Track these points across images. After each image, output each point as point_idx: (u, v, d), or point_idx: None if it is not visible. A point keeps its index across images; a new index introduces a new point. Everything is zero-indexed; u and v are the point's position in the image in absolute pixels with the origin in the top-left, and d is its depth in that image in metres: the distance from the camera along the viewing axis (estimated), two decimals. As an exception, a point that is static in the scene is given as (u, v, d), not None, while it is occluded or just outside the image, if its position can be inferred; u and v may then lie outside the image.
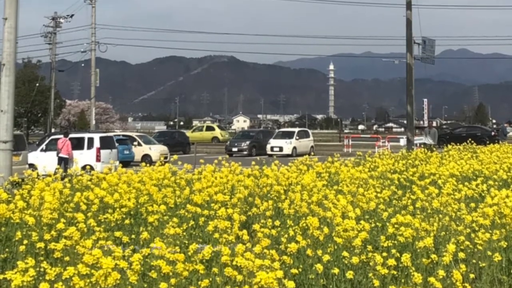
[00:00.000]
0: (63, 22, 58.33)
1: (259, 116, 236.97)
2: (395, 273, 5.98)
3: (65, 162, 23.48)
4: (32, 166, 22.59)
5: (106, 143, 27.90)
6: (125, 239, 6.73)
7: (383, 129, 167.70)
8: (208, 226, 6.84)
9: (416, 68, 34.51)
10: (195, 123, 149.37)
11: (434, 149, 24.64)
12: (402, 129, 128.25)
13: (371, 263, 6.06)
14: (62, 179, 11.92)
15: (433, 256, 6.20)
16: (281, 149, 42.00)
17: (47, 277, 5.09)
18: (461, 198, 9.41)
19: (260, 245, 5.83)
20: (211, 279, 5.57)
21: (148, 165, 13.68)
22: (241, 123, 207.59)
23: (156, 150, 36.65)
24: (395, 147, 38.88)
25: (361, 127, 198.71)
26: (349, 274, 5.81)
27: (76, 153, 24.53)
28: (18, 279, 4.72)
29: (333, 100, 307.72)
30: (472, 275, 6.22)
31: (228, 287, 5.47)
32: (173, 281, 5.23)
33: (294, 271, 5.88)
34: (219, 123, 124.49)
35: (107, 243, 6.10)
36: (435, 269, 6.03)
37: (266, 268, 5.20)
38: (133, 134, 41.32)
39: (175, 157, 14.49)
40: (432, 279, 5.43)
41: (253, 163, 14.10)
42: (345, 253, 6.20)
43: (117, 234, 6.89)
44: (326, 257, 6.11)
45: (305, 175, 11.84)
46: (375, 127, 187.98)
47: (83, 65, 57.51)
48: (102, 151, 27.01)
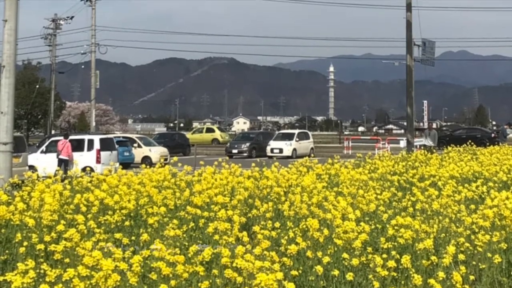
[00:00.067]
0: (63, 24, 58.32)
1: (259, 118, 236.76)
2: (395, 274, 5.99)
3: (65, 164, 23.48)
4: (32, 168, 22.56)
5: (106, 145, 27.90)
6: (125, 240, 6.73)
7: (383, 131, 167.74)
8: (208, 227, 6.84)
9: (416, 70, 34.57)
10: (195, 124, 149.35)
11: (434, 151, 24.65)
12: (402, 131, 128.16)
13: (371, 265, 6.06)
14: (62, 180, 11.94)
15: (433, 257, 6.20)
16: (281, 150, 42.00)
17: (47, 279, 5.10)
18: (461, 200, 9.42)
19: (260, 247, 5.83)
20: (211, 280, 5.57)
21: (148, 166, 13.68)
22: (241, 124, 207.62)
23: (156, 152, 36.66)
24: (395, 149, 38.90)
25: (361, 128, 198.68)
26: (349, 276, 5.82)
27: (76, 155, 24.53)
28: (18, 280, 4.72)
29: (333, 102, 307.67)
30: (472, 277, 6.21)
31: (228, 288, 5.48)
32: (173, 282, 5.23)
33: (294, 272, 5.88)
34: (219, 124, 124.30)
35: (107, 245, 6.10)
36: (435, 271, 6.03)
37: (266, 269, 5.20)
38: (133, 136, 41.35)
39: (175, 158, 14.50)
40: (432, 281, 5.43)
41: (253, 164, 14.11)
42: (345, 255, 6.20)
43: (117, 235, 6.89)
44: (326, 259, 6.11)
45: (305, 176, 11.85)
46: (375, 128, 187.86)
47: (83, 67, 57.56)
48: (102, 153, 27.01)
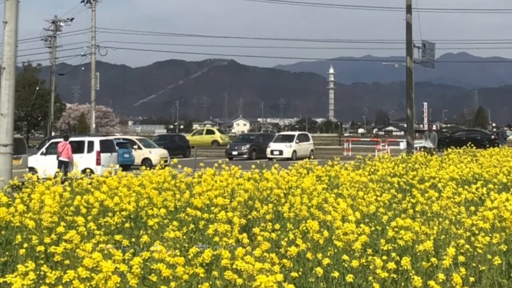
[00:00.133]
0: (63, 25, 58.29)
1: (259, 119, 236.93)
2: (395, 276, 5.99)
3: (65, 166, 23.49)
4: (32, 170, 22.60)
5: (106, 146, 27.90)
6: (125, 242, 6.74)
7: (383, 133, 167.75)
8: (208, 229, 6.84)
9: (416, 72, 34.56)
10: (195, 126, 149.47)
11: (434, 152, 24.67)
12: (402, 133, 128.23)
13: (371, 267, 6.06)
14: (62, 182, 11.94)
15: (433, 259, 6.20)
16: (281, 152, 41.99)
17: (47, 281, 5.09)
18: (461, 202, 9.42)
19: (260, 249, 5.84)
20: (211, 282, 5.57)
21: (148, 168, 13.69)
22: (241, 126, 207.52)
23: (156, 154, 36.64)
24: (395, 150, 38.88)
25: (361, 130, 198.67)
26: (349, 278, 5.82)
27: (76, 157, 24.55)
28: (18, 282, 4.73)
29: (333, 103, 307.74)
30: (472, 279, 6.21)
31: (228, 290, 5.47)
32: (173, 284, 5.23)
33: (294, 274, 5.88)
34: (219, 126, 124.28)
35: (107, 247, 6.10)
36: (435, 273, 6.04)
37: (266, 271, 5.20)
38: (133, 138, 41.33)
39: (175, 160, 14.51)
40: (432, 283, 5.43)
41: (253, 166, 14.11)
42: (345, 257, 6.20)
43: (117, 237, 6.89)
44: (326, 261, 6.11)
45: (305, 178, 11.85)
46: (375, 130, 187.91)
47: (83, 68, 57.52)
48: (102, 155, 27.01)
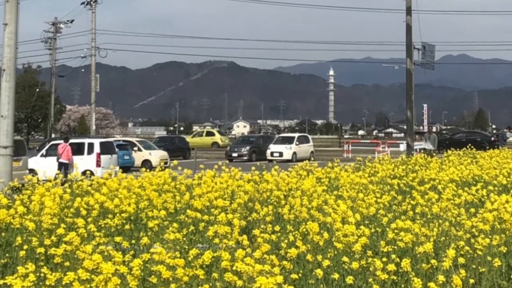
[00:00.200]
0: (63, 27, 58.38)
1: (259, 121, 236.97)
2: (395, 278, 5.99)
3: (65, 168, 23.50)
4: (32, 171, 22.60)
5: (106, 148, 27.92)
6: (125, 244, 6.73)
7: (383, 135, 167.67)
8: (208, 231, 6.84)
9: (416, 74, 34.54)
10: (195, 128, 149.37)
11: (434, 154, 24.66)
12: (402, 135, 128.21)
13: (371, 268, 6.06)
14: (62, 184, 11.93)
15: (433, 261, 6.20)
16: (281, 154, 42.00)
17: (47, 282, 5.09)
18: (461, 204, 9.42)
19: (260, 250, 5.83)
20: (211, 284, 5.57)
21: (148, 170, 13.69)
22: (241, 128, 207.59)
23: (156, 156, 36.67)
24: (395, 152, 38.90)
25: (361, 132, 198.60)
26: (349, 279, 5.82)
27: (76, 159, 24.56)
28: (18, 284, 4.73)
29: (333, 105, 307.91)
30: (472, 280, 6.21)
31: (228, 292, 5.47)
32: (173, 286, 5.23)
33: (294, 276, 5.88)
34: (219, 128, 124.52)
35: (107, 248, 6.10)
36: (435, 274, 6.03)
37: (266, 273, 5.20)
38: (133, 140, 41.37)
39: (175, 162, 14.50)
40: (432, 284, 5.43)
41: (253, 168, 14.10)
42: (345, 258, 6.20)
43: (117, 239, 6.89)
44: (326, 262, 6.11)
45: (305, 180, 11.85)
46: (375, 132, 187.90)
47: (83, 70, 57.56)
48: (102, 157, 27.02)
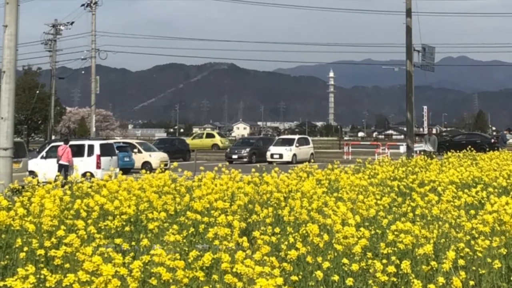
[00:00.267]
0: (63, 29, 58.38)
1: (259, 123, 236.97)
2: (395, 280, 5.98)
3: (65, 169, 23.50)
4: (33, 173, 22.61)
5: (106, 150, 27.91)
6: (125, 246, 6.74)
7: (383, 136, 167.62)
8: (208, 233, 6.84)
9: (416, 75, 34.60)
10: (195, 130, 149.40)
11: (434, 156, 24.66)
12: (402, 136, 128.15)
13: (371, 270, 6.06)
14: (63, 186, 11.94)
15: (433, 263, 6.20)
16: (281, 156, 42.00)
17: (47, 284, 5.10)
18: (460, 205, 9.42)
19: (260, 252, 5.84)
20: (211, 286, 5.58)
21: (148, 172, 13.69)
22: (241, 130, 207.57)
23: (156, 157, 36.68)
24: (395, 154, 38.88)
25: (361, 134, 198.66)
26: (349, 281, 5.81)
27: (77, 160, 24.55)
28: (19, 286, 4.73)
29: (333, 107, 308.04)
30: (472, 282, 6.21)
31: (228, 294, 5.47)
32: (173, 287, 5.24)
33: (294, 278, 5.88)
34: (219, 130, 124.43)
35: (107, 250, 6.10)
36: (435, 276, 6.03)
37: (266, 275, 5.20)
38: (133, 141, 41.39)
39: (175, 164, 14.50)
40: (432, 286, 5.44)
41: (253, 170, 14.11)
42: (345, 260, 6.20)
43: (118, 241, 6.89)
44: (326, 264, 6.11)
45: (305, 182, 11.85)
46: (375, 134, 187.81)
47: (83, 72, 57.66)
48: (102, 158, 27.02)
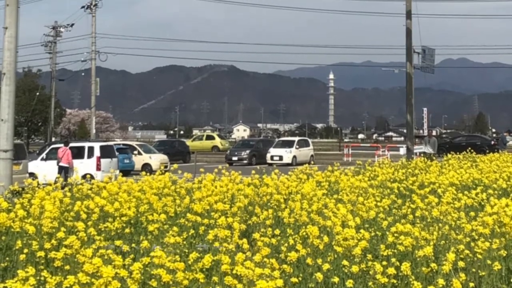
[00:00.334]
0: (63, 31, 58.39)
1: (259, 125, 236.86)
2: (395, 281, 5.99)
3: (65, 171, 23.51)
4: (33, 175, 22.59)
5: (106, 152, 27.92)
6: (125, 248, 6.74)
7: (383, 138, 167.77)
8: (208, 235, 6.85)
9: (416, 77, 34.60)
10: (195, 132, 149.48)
11: (434, 158, 24.67)
12: (402, 138, 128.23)
13: (371, 272, 6.06)
14: (63, 188, 11.94)
15: (432, 265, 6.20)
16: (281, 158, 42.00)
17: (47, 286, 5.10)
18: (460, 207, 9.42)
19: (260, 254, 5.84)
20: (211, 287, 5.58)
21: (148, 174, 13.69)
22: (241, 132, 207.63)
23: (156, 159, 36.66)
24: (395, 156, 38.90)
25: (361, 136, 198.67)
26: (349, 283, 5.81)
27: (77, 162, 24.56)
28: (19, 287, 4.73)
29: (333, 109, 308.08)
30: (471, 284, 6.21)
31: (228, 295, 5.47)
32: (173, 289, 5.24)
33: (294, 280, 5.88)
34: (219, 132, 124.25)
35: (107, 252, 6.11)
36: (435, 278, 6.04)
37: (266, 277, 5.20)
38: (133, 143, 41.40)
39: (175, 166, 14.51)
40: (431, 288, 5.44)
41: (253, 172, 14.12)
42: (345, 262, 6.20)
43: (118, 243, 6.90)
44: (326, 266, 6.11)
45: (305, 184, 11.86)
46: (375, 136, 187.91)
47: (83, 74, 57.59)
48: (102, 160, 27.02)
